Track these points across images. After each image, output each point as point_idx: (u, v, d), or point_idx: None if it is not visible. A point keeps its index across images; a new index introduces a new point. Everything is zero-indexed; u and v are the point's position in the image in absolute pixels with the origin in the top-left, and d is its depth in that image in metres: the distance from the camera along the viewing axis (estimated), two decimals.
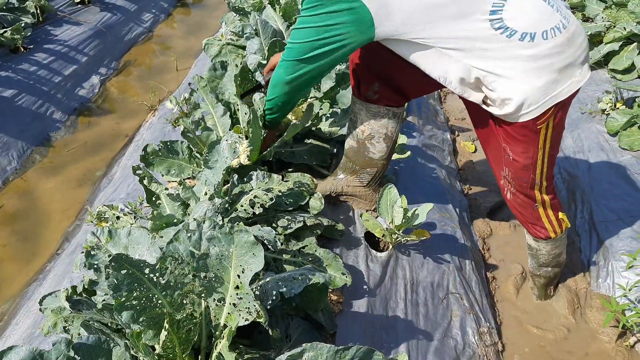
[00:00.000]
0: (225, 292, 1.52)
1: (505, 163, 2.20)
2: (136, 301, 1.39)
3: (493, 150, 2.25)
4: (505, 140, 2.11)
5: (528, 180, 2.19)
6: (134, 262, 1.37)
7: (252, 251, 1.51)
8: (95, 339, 1.41)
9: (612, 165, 3.21)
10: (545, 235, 2.41)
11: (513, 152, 2.11)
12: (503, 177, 2.29)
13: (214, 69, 3.42)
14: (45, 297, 1.76)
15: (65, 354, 1.35)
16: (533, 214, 2.34)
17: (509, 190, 2.32)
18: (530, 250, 2.59)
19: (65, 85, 5.01)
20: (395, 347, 2.12)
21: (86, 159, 4.24)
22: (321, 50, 1.99)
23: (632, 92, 3.57)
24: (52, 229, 3.51)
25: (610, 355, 2.42)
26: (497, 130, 2.13)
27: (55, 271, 2.84)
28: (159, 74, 5.61)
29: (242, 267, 1.52)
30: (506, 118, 2.01)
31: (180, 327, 1.45)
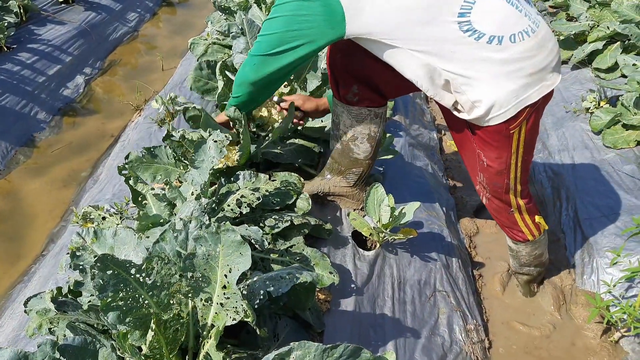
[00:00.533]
0: (213, 292, 1.52)
1: (480, 169, 2.21)
2: (122, 302, 1.38)
3: (468, 156, 2.27)
4: (479, 147, 2.12)
5: (502, 185, 2.21)
6: (120, 263, 1.36)
7: (240, 250, 1.50)
8: (81, 340, 1.40)
9: (597, 163, 3.24)
10: (523, 238, 2.44)
11: (487, 157, 2.13)
12: (478, 182, 2.31)
13: (200, 69, 3.41)
14: (30, 298, 1.74)
15: (51, 355, 1.34)
16: (509, 218, 2.37)
17: (485, 195, 2.35)
18: (511, 252, 2.63)
19: (49, 85, 4.96)
20: (383, 345, 2.13)
21: (71, 159, 4.21)
22: (290, 45, 1.98)
23: (616, 91, 3.61)
24: (37, 230, 3.47)
25: (595, 350, 2.44)
26: (471, 137, 2.14)
27: (40, 273, 2.82)
28: (144, 74, 5.58)
29: (229, 267, 1.51)
30: (477, 122, 2.02)
31: (167, 327, 1.44)
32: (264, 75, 2.11)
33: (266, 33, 2.02)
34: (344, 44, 2.15)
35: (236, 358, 1.57)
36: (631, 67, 3.39)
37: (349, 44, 2.04)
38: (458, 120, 2.11)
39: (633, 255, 2.51)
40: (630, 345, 2.37)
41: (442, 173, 3.63)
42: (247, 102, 2.34)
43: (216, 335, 1.41)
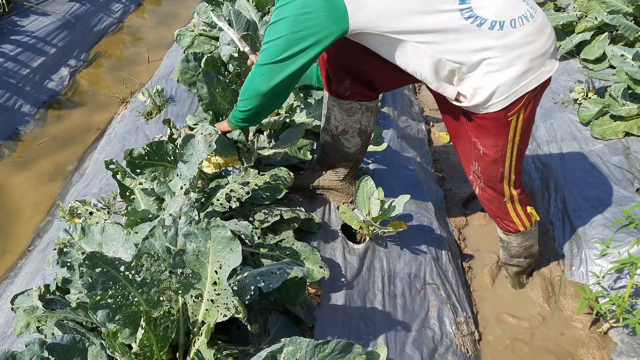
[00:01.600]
0: (203, 288, 1.50)
1: (475, 158, 2.21)
2: (111, 299, 1.36)
3: (463, 145, 2.26)
4: (475, 135, 2.12)
5: (497, 174, 2.21)
6: (109, 260, 1.34)
7: (230, 246, 1.49)
8: (70, 338, 1.38)
9: (585, 154, 3.25)
10: (514, 229, 2.44)
11: (483, 145, 2.12)
12: (472, 171, 2.30)
13: (187, 61, 3.38)
14: (17, 296, 1.72)
15: (39, 354, 1.32)
16: (501, 208, 2.37)
17: (478, 185, 2.34)
18: (502, 243, 2.63)
19: (33, 78, 4.89)
20: (374, 339, 2.12)
21: (57, 153, 4.15)
22: (297, 47, 1.92)
23: (604, 82, 3.62)
24: (23, 225, 3.43)
25: (584, 341, 2.46)
26: (467, 125, 2.14)
27: (27, 268, 2.78)
28: (130, 66, 5.52)
29: (219, 263, 1.50)
30: (476, 109, 2.01)
31: (157, 324, 1.43)
32: (275, 83, 2.03)
33: (272, 39, 1.96)
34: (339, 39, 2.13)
35: (227, 354, 1.55)
36: (619, 58, 3.39)
37: (343, 38, 2.01)
38: (454, 109, 2.11)
39: (622, 246, 2.52)
40: (619, 336, 2.39)
41: (431, 165, 3.63)
42: (256, 114, 2.24)
43: (207, 332, 1.39)
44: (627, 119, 3.22)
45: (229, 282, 1.52)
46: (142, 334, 1.35)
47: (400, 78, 2.14)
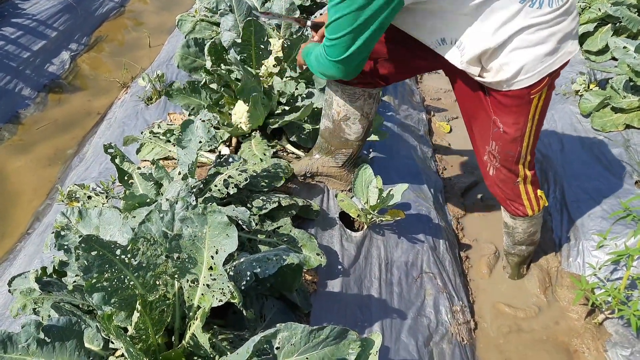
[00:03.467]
0: (199, 273, 1.51)
1: (493, 137, 2.18)
2: (107, 282, 1.36)
3: (480, 124, 2.22)
4: (495, 112, 2.09)
5: (515, 153, 2.19)
6: (105, 244, 1.35)
7: (226, 232, 1.49)
8: (66, 320, 1.39)
9: (585, 146, 3.24)
10: (523, 212, 2.42)
11: (504, 123, 2.10)
12: (488, 152, 2.26)
13: (187, 46, 3.37)
14: (14, 278, 1.73)
15: (35, 336, 1.33)
16: (514, 190, 2.34)
17: (493, 165, 2.29)
18: (507, 229, 2.60)
19: (34, 61, 4.88)
20: (370, 326, 2.13)
21: (57, 137, 4.15)
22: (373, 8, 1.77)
23: (606, 74, 3.61)
24: (22, 208, 3.44)
25: (579, 332, 2.47)
26: (486, 103, 2.11)
27: (25, 251, 2.79)
28: (131, 51, 5.50)
29: (215, 248, 1.50)
30: (498, 86, 1.99)
31: (153, 308, 1.43)
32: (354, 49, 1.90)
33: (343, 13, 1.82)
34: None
35: (222, 339, 1.56)
36: (622, 50, 3.37)
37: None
38: (473, 87, 2.09)
39: (619, 238, 2.52)
40: (614, 327, 2.39)
41: (431, 155, 3.63)
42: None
43: (202, 317, 1.40)
44: (628, 111, 3.21)
45: (225, 267, 1.52)
46: (138, 317, 1.36)
47: (411, 66, 2.13)
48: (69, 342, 1.38)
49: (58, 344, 1.36)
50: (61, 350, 1.37)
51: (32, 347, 1.33)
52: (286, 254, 1.70)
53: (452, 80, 2.25)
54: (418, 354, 2.11)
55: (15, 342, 1.31)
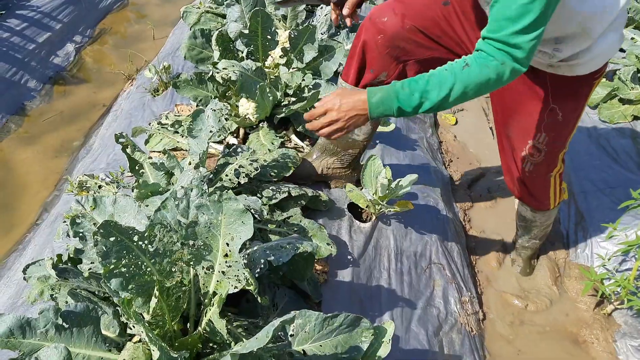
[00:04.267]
0: (214, 260, 1.51)
1: (545, 127, 2.09)
2: (125, 268, 1.37)
3: (527, 117, 2.12)
4: (555, 100, 2.03)
5: (563, 142, 2.15)
6: (123, 229, 1.35)
7: (242, 219, 1.50)
8: (83, 306, 1.39)
9: (592, 137, 3.25)
10: (546, 205, 2.39)
11: (563, 110, 2.04)
12: (530, 146, 2.17)
13: (194, 37, 3.36)
14: (28, 265, 1.73)
15: (54, 321, 1.33)
16: (544, 183, 2.29)
17: (534, 161, 2.20)
18: (524, 222, 2.57)
19: (39, 53, 4.87)
20: (380, 316, 2.14)
21: (63, 128, 4.15)
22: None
23: (613, 65, 3.60)
24: (30, 200, 3.44)
25: (588, 323, 2.47)
26: (544, 92, 2.04)
27: (35, 241, 2.80)
28: (135, 43, 5.49)
29: (231, 235, 1.51)
30: (571, 71, 1.93)
31: (170, 294, 1.44)
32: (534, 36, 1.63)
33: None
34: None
35: (237, 326, 1.57)
36: (629, 41, 3.37)
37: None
38: (526, 78, 2.01)
39: (629, 229, 2.53)
40: (623, 318, 2.41)
41: (437, 146, 3.63)
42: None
43: (219, 303, 1.41)
44: (636, 102, 3.21)
45: (239, 255, 1.53)
46: (156, 303, 1.37)
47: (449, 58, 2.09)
48: (86, 328, 1.39)
49: (76, 330, 1.37)
50: (79, 336, 1.37)
51: (51, 333, 1.33)
52: (300, 242, 1.70)
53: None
54: (428, 343, 2.12)
55: (33, 328, 1.32)
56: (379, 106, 1.76)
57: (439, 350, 2.16)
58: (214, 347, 1.51)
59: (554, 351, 2.41)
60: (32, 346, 1.32)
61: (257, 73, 2.82)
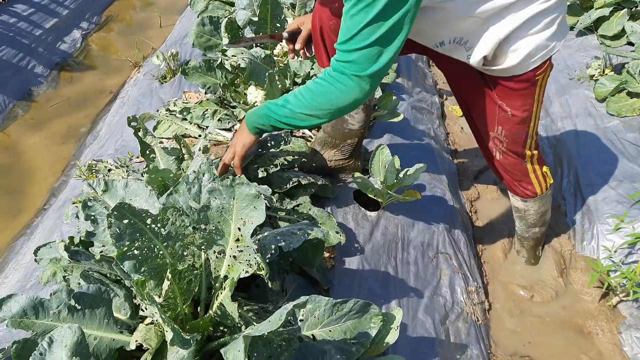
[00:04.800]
0: (226, 245, 1.52)
1: (499, 121, 2.17)
2: (138, 251, 1.38)
3: (483, 111, 2.21)
4: (501, 97, 2.09)
5: (522, 135, 2.19)
6: (136, 212, 1.36)
7: (254, 204, 1.50)
8: (95, 288, 1.40)
9: (599, 131, 3.24)
10: (532, 192, 2.42)
11: (511, 107, 2.09)
12: (493, 137, 2.26)
13: (202, 24, 3.36)
14: (40, 247, 1.74)
15: (67, 302, 1.34)
16: (522, 170, 2.35)
17: (499, 150, 2.30)
18: (518, 213, 2.61)
19: (46, 39, 4.88)
20: (387, 303, 2.15)
21: (70, 114, 4.16)
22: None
23: (621, 58, 3.59)
24: (38, 185, 3.46)
25: (594, 314, 2.48)
26: (489, 89, 2.10)
27: (43, 225, 2.81)
28: (141, 30, 5.49)
29: (243, 220, 1.51)
30: (504, 72, 1.98)
31: (182, 277, 1.45)
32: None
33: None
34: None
35: (247, 310, 1.58)
36: (638, 35, 3.36)
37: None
38: (472, 74, 2.08)
39: (636, 221, 2.53)
40: (628, 310, 2.41)
41: (444, 137, 3.63)
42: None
43: (231, 286, 1.41)
44: None
45: (251, 240, 1.53)
46: (168, 286, 1.37)
47: (411, 47, 2.10)
48: (98, 310, 1.40)
49: (88, 312, 1.38)
50: (91, 318, 1.39)
51: (63, 314, 1.34)
52: (310, 229, 1.71)
53: (445, 70, 2.24)
54: (435, 331, 2.13)
55: (46, 308, 1.33)
56: (255, 120, 1.92)
57: (445, 338, 2.16)
58: (224, 331, 1.52)
59: (559, 342, 2.42)
60: (45, 327, 1.33)
61: (266, 61, 2.82)
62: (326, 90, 1.73)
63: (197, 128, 2.80)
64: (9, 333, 1.97)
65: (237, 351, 1.18)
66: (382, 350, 1.63)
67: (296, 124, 1.85)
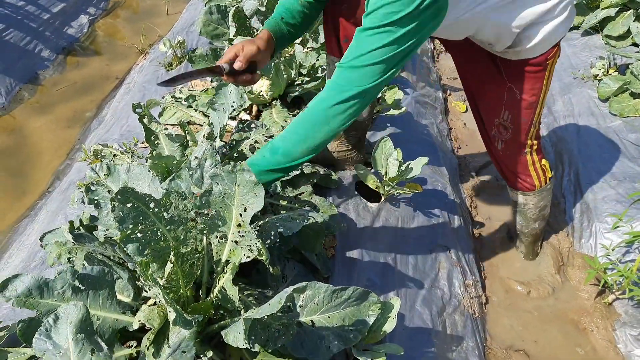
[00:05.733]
0: (228, 230, 1.54)
1: (507, 105, 2.19)
2: (141, 234, 1.40)
3: (490, 95, 2.23)
4: (511, 80, 2.12)
5: (528, 120, 2.21)
6: (140, 196, 1.38)
7: (254, 191, 1.52)
8: (99, 269, 1.43)
9: (602, 130, 3.25)
10: (531, 184, 2.45)
11: (520, 90, 2.13)
12: (497, 124, 2.28)
13: (210, 13, 3.38)
14: (45, 234, 1.77)
15: (71, 283, 1.37)
16: (522, 160, 2.37)
17: (502, 139, 2.31)
18: (518, 207, 2.63)
19: (53, 23, 4.89)
20: (386, 293, 2.17)
21: (75, 99, 4.18)
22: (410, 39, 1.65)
23: (626, 59, 3.60)
24: (42, 167, 3.48)
25: (589, 311, 2.51)
26: (500, 71, 2.13)
27: (47, 208, 2.84)
28: (148, 17, 5.50)
29: (244, 206, 1.53)
30: (519, 55, 2.02)
31: (184, 260, 1.47)
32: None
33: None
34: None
35: (248, 294, 1.60)
36: None
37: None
38: (482, 57, 2.11)
39: (634, 220, 2.54)
40: (624, 308, 2.43)
41: (447, 133, 3.65)
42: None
43: (232, 270, 1.44)
44: None
45: (251, 226, 1.56)
46: (171, 268, 1.40)
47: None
48: (102, 291, 1.43)
49: (92, 292, 1.41)
50: (94, 298, 1.41)
51: (67, 294, 1.37)
52: (309, 214, 1.74)
53: (455, 55, 2.26)
54: (432, 322, 2.16)
55: (51, 288, 1.36)
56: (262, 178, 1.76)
57: (442, 330, 2.19)
58: (224, 314, 1.54)
59: (554, 337, 2.44)
60: (50, 306, 1.35)
61: None
62: (327, 111, 1.72)
63: (202, 116, 2.82)
64: (12, 312, 2.00)
65: (237, 333, 1.21)
66: (379, 339, 1.66)
67: (289, 165, 1.78)
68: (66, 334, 1.19)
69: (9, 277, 1.33)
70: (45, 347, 1.19)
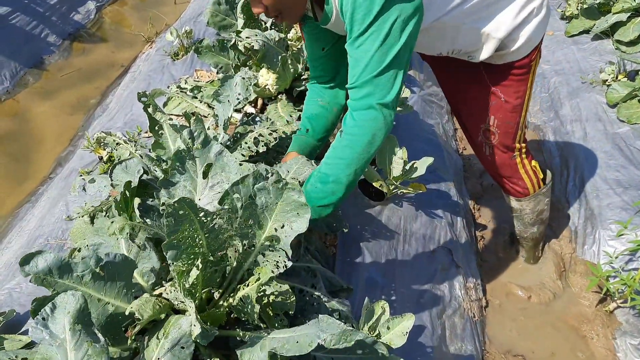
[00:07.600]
0: (257, 241, 1.50)
1: (493, 110, 2.19)
2: (182, 240, 1.37)
3: (476, 102, 2.22)
4: (495, 84, 2.12)
5: (514, 124, 2.21)
6: (193, 206, 1.33)
7: (298, 210, 1.47)
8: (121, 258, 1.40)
9: (609, 136, 3.23)
10: (523, 189, 2.44)
11: (505, 93, 2.13)
12: (483, 130, 2.28)
13: (218, 3, 3.35)
14: (116, 164, 1.82)
15: (92, 269, 1.34)
16: (511, 164, 2.37)
17: (489, 144, 2.31)
18: (515, 213, 2.62)
19: (60, 8, 4.86)
20: (386, 293, 2.16)
21: (80, 85, 4.16)
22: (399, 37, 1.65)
23: (636, 65, 3.57)
24: (45, 153, 3.47)
25: (590, 318, 2.49)
26: (483, 77, 2.13)
27: (48, 194, 2.82)
28: (155, 6, 5.47)
29: (281, 222, 1.48)
30: (503, 59, 2.02)
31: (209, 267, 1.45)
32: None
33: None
34: None
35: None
36: None
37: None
38: (463, 64, 2.10)
39: (639, 229, 2.52)
40: (625, 317, 2.42)
41: (452, 133, 3.63)
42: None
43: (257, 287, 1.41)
44: None
45: (286, 244, 1.51)
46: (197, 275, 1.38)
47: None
48: (119, 282, 1.40)
49: (110, 282, 1.38)
50: (110, 288, 1.38)
51: (86, 279, 1.33)
52: None
53: (434, 65, 2.28)
54: (431, 324, 2.14)
55: (72, 270, 1.33)
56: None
57: (441, 332, 2.18)
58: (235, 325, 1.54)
59: (553, 343, 2.43)
60: (66, 287, 1.31)
61: (279, 44, 2.81)
62: (361, 134, 1.71)
63: (207, 107, 2.80)
64: (10, 297, 1.99)
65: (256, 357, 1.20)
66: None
67: (344, 192, 1.78)
68: (63, 324, 1.17)
69: (32, 252, 1.30)
70: (41, 336, 1.17)
